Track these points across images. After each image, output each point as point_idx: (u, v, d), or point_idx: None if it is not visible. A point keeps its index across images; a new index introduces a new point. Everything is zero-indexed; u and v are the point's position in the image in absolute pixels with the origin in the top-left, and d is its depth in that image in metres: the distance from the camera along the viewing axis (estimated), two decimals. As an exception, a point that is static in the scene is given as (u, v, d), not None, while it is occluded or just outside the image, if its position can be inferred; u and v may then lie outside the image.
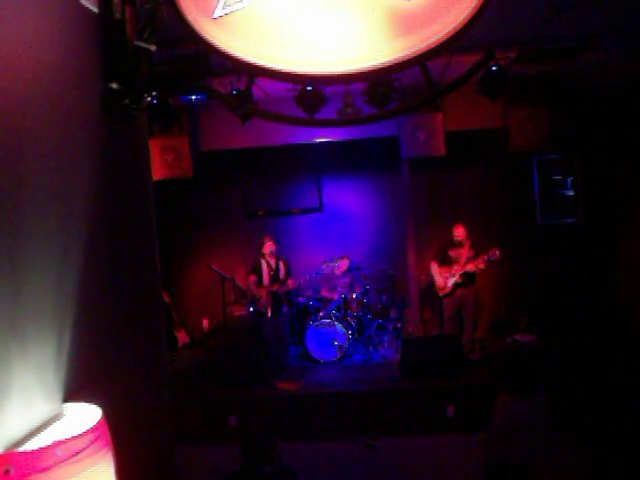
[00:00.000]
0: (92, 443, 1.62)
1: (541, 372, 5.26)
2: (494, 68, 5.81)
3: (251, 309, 8.43)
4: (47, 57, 2.08)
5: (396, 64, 1.64)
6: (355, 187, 9.94)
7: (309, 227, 9.89)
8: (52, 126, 2.09)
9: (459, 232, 8.26)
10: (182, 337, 9.58)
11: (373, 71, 1.66)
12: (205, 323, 9.95)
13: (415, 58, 1.63)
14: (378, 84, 5.73)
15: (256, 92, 6.66)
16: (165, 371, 3.06)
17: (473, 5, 1.65)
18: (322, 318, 8.59)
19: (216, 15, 1.81)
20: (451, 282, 8.28)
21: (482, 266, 8.05)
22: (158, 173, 8.07)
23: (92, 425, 1.68)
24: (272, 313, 8.23)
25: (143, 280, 2.85)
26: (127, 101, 2.36)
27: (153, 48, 2.37)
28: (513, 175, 9.43)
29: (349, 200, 9.91)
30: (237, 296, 9.44)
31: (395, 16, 1.61)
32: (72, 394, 1.96)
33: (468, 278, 8.24)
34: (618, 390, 6.90)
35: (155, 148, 8.00)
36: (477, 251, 8.11)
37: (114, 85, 2.32)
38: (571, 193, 9.38)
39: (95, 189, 2.33)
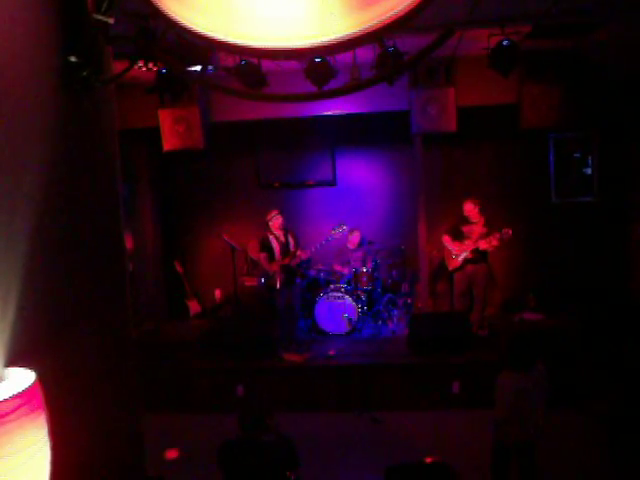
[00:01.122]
0: (19, 407, 1.70)
1: (543, 348, 5.25)
2: (505, 43, 5.74)
3: (262, 280, 8.47)
4: (0, 30, 2.10)
5: (351, 39, 1.62)
6: (368, 161, 9.91)
7: (321, 200, 9.89)
8: (5, 98, 2.12)
9: (468, 208, 8.21)
10: (194, 307, 9.70)
11: (328, 46, 1.64)
12: (217, 293, 10.05)
13: (370, 34, 1.61)
14: (387, 57, 5.71)
15: (269, 65, 6.71)
16: (128, 339, 3.10)
17: None
18: (332, 291, 8.63)
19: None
20: (461, 257, 8.25)
21: (495, 243, 7.99)
22: (169, 143, 8.11)
23: (21, 389, 1.75)
24: (284, 285, 8.27)
25: (105, 250, 2.89)
26: (85, 73, 2.38)
27: (111, 21, 2.39)
28: (528, 152, 9.32)
29: (362, 174, 9.88)
30: (249, 267, 9.51)
31: (350, -10, 1.60)
32: (16, 359, 2.01)
33: (479, 255, 8.19)
34: (629, 371, 6.88)
35: (166, 119, 8.03)
36: (490, 228, 8.05)
37: (72, 58, 2.34)
38: (589, 172, 9.25)
39: (49, 160, 2.36)
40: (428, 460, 5.30)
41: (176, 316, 9.74)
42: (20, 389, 1.79)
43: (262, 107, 8.21)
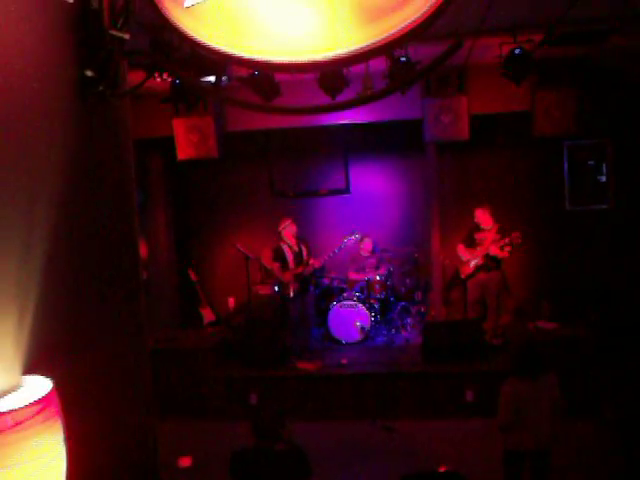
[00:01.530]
0: (36, 414, 1.72)
1: (556, 357, 5.22)
2: (518, 51, 5.75)
3: (276, 289, 8.49)
4: (21, 46, 2.15)
5: (362, 53, 1.64)
6: (381, 169, 9.92)
7: (335, 208, 9.90)
8: (25, 112, 2.17)
9: (479, 215, 8.22)
10: (208, 315, 9.73)
11: (339, 60, 1.66)
12: (231, 302, 10.08)
13: (382, 47, 1.63)
14: (401, 67, 5.74)
15: (282, 75, 6.74)
16: (144, 347, 3.14)
17: None
18: (345, 299, 8.63)
19: (187, 4, 1.85)
20: (473, 263, 8.23)
21: (508, 249, 7.96)
22: (183, 153, 8.17)
23: (38, 397, 1.78)
24: (298, 294, 8.27)
25: (120, 261, 2.93)
26: (101, 88, 2.43)
27: (127, 37, 2.44)
28: (542, 160, 9.28)
29: (375, 182, 9.90)
30: (263, 275, 9.53)
31: (361, 4, 1.61)
32: (33, 366, 2.05)
33: (492, 262, 8.16)
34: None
35: (180, 128, 8.09)
36: (502, 235, 8.04)
37: (89, 72, 2.40)
38: (603, 179, 9.20)
39: (66, 170, 2.41)
40: (442, 469, 5.29)
41: (190, 324, 9.77)
42: (37, 397, 1.82)
43: (276, 116, 8.23)
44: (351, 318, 8.56)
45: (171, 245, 10.07)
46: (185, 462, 6.44)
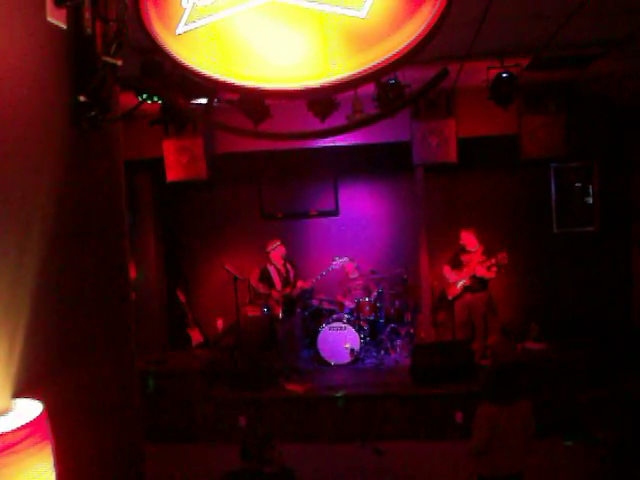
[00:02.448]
0: (26, 438, 1.71)
1: (543, 378, 5.18)
2: (505, 75, 5.83)
3: (265, 310, 8.48)
4: (14, 72, 2.18)
5: (353, 80, 1.67)
6: (370, 191, 9.97)
7: (324, 230, 9.93)
8: (17, 138, 2.19)
9: (464, 237, 8.30)
10: (196, 336, 9.68)
11: (331, 87, 1.69)
12: (219, 323, 10.03)
13: (372, 74, 1.66)
14: (389, 89, 5.80)
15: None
16: (133, 371, 3.13)
17: (427, 21, 1.67)
18: (335, 321, 8.62)
19: (178, 32, 1.88)
20: (460, 284, 8.27)
21: (495, 269, 8.02)
22: (173, 174, 8.17)
23: (28, 420, 1.77)
24: (285, 315, 8.26)
25: (111, 283, 2.94)
26: (94, 113, 2.45)
27: (119, 63, 2.47)
28: (529, 182, 9.37)
29: (364, 204, 9.94)
30: (252, 297, 9.50)
31: (351, 33, 1.64)
32: (24, 390, 2.04)
33: (478, 283, 8.21)
34: (633, 401, 6.84)
35: (170, 149, 8.10)
36: (488, 256, 8.10)
37: (82, 98, 2.42)
38: (591, 201, 9.30)
39: (58, 195, 2.43)
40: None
41: (178, 346, 9.72)
42: (27, 420, 1.81)
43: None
44: (340, 340, 8.55)
45: (160, 266, 10.03)
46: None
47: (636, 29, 5.42)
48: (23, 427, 1.75)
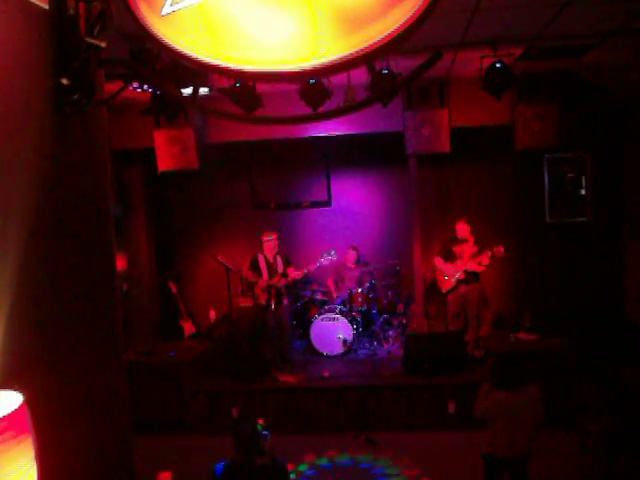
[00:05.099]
0: (5, 430, 1.67)
1: (537, 369, 5.27)
2: (498, 65, 5.79)
3: (252, 297, 8.46)
4: None
5: (343, 62, 1.63)
6: (363, 181, 9.93)
7: (316, 221, 9.89)
8: None
9: (461, 228, 8.26)
10: (188, 327, 9.64)
11: (321, 69, 1.66)
12: (212, 314, 10.00)
13: (361, 57, 1.62)
14: (382, 78, 5.75)
15: (264, 86, 6.73)
16: (119, 362, 3.09)
17: (420, 3, 1.64)
18: (327, 312, 8.60)
19: (164, 12, 1.83)
20: (454, 278, 8.25)
21: (486, 262, 8.00)
22: (164, 164, 8.10)
23: (7, 412, 1.73)
24: (275, 305, 8.23)
25: (95, 273, 2.89)
26: (77, 96, 2.39)
27: (103, 44, 2.41)
28: (523, 173, 9.37)
29: (357, 194, 9.91)
30: (244, 287, 9.47)
31: (341, 14, 1.61)
32: (3, 381, 2.00)
33: (471, 275, 8.20)
34: (624, 390, 6.86)
35: (161, 139, 8.02)
36: (481, 247, 8.08)
37: (64, 81, 2.36)
38: (584, 192, 9.30)
39: (41, 180, 2.38)
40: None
41: (170, 337, 9.68)
42: (6, 412, 1.76)
43: (257, 128, 8.23)
44: (333, 330, 8.53)
45: (151, 257, 9.98)
46: (164, 477, 6.33)
47: (631, 18, 5.39)
48: (2, 419, 1.70)
